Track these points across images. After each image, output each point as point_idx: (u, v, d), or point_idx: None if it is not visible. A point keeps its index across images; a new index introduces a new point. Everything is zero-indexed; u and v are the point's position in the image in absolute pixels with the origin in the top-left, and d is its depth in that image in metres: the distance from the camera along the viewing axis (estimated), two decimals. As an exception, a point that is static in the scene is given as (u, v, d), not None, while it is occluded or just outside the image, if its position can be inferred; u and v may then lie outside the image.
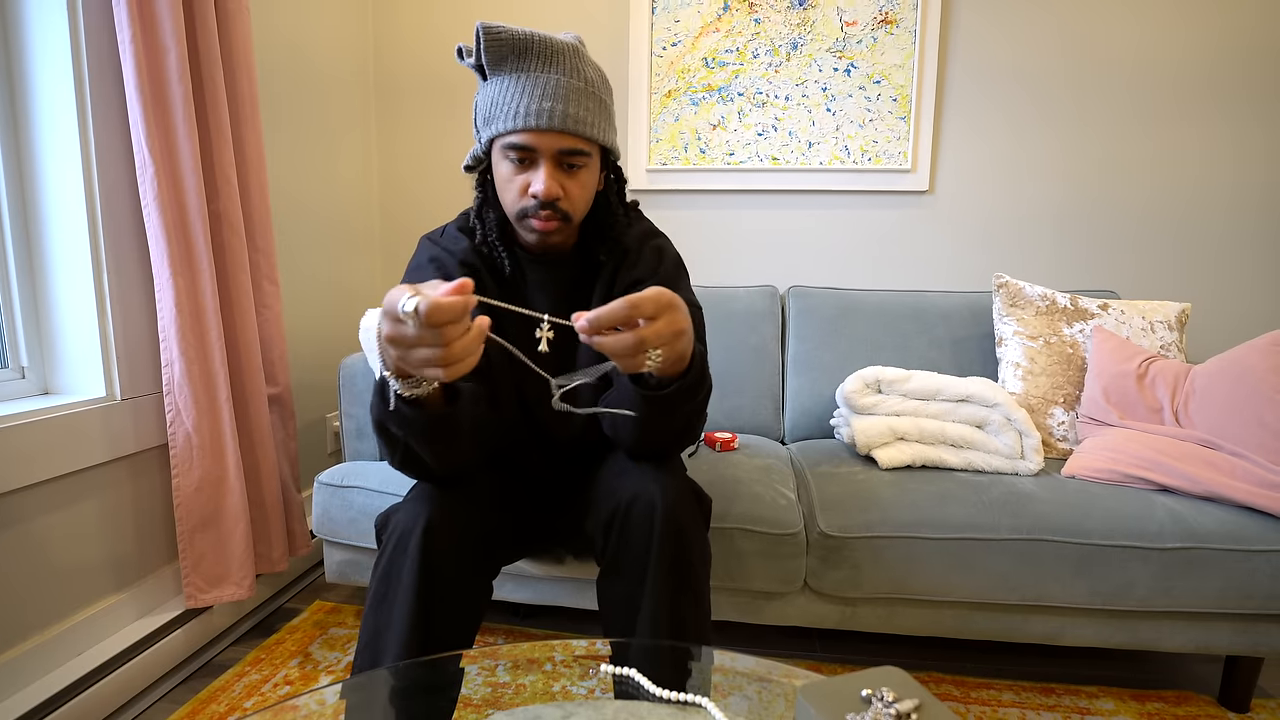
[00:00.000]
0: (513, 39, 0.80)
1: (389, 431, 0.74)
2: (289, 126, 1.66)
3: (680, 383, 0.74)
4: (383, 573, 0.79)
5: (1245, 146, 1.77)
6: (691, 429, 0.85)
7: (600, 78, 0.86)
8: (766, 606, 1.24)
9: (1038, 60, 1.82)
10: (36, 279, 1.17)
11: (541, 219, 0.85)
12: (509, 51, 0.81)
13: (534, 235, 0.87)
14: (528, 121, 0.80)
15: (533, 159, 0.83)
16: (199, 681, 1.26)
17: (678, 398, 0.75)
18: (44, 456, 1.05)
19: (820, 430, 1.63)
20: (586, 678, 0.74)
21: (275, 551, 1.41)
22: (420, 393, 0.68)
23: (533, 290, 0.96)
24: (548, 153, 0.82)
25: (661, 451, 0.88)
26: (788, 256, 1.98)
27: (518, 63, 0.81)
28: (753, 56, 1.87)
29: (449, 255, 0.94)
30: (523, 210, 0.85)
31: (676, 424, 0.81)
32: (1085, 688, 1.28)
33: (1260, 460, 1.17)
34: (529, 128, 0.80)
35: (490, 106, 0.83)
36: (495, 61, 0.81)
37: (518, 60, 0.81)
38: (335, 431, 1.87)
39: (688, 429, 0.84)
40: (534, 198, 0.83)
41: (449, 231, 0.98)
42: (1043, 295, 1.55)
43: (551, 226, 0.85)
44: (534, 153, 0.82)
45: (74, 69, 1.09)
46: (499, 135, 0.83)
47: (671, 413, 0.78)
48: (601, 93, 0.85)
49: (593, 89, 0.84)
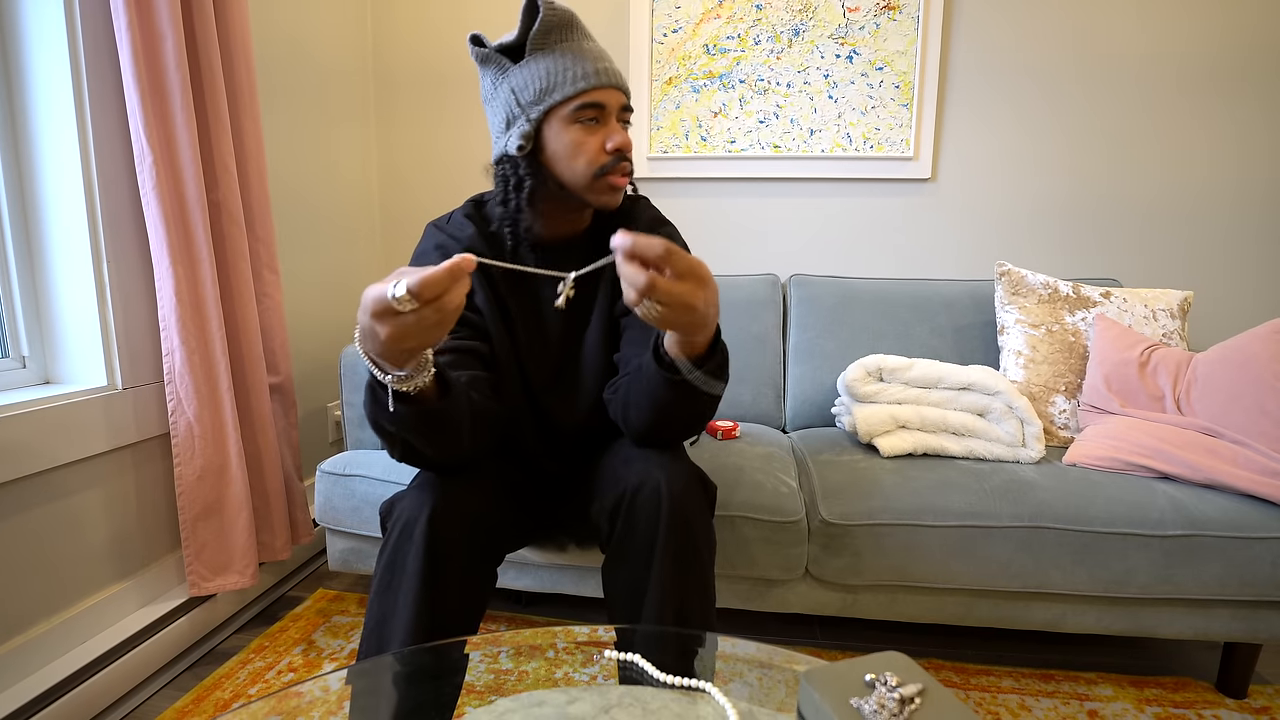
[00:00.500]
0: (562, 11, 0.84)
1: (383, 428, 0.74)
2: (288, 115, 1.65)
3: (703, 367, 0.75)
4: (388, 560, 0.80)
5: (1248, 136, 1.76)
6: (702, 419, 0.85)
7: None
8: (768, 594, 1.24)
9: (1041, 47, 1.80)
10: (36, 269, 1.16)
11: (621, 173, 0.88)
12: (557, 23, 0.84)
13: (610, 194, 0.89)
14: (599, 79, 0.84)
15: (603, 117, 0.86)
16: (203, 669, 1.27)
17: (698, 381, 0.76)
18: (45, 446, 1.05)
19: (822, 418, 1.63)
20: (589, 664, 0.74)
21: (278, 540, 1.42)
22: (412, 387, 0.67)
23: (543, 284, 0.96)
24: (613, 108, 0.86)
25: (669, 438, 0.88)
26: (789, 244, 1.98)
27: (563, 34, 0.85)
28: (754, 43, 1.86)
29: (455, 242, 0.94)
30: (602, 169, 0.87)
31: (689, 411, 0.81)
32: (1084, 674, 1.29)
33: (1262, 448, 1.17)
34: (601, 84, 0.84)
35: (546, 78, 0.84)
36: (545, 33, 0.84)
37: (564, 32, 0.85)
38: (337, 420, 1.87)
39: (699, 419, 0.84)
40: (616, 151, 0.86)
41: (455, 218, 0.97)
42: (1045, 283, 1.54)
43: (626, 181, 0.89)
44: (604, 110, 0.85)
45: (71, 57, 1.08)
46: (566, 100, 0.84)
47: (692, 397, 0.78)
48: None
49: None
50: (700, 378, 0.75)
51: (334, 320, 1.87)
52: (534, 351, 0.97)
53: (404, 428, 0.72)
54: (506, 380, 0.95)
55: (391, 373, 0.65)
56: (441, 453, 0.79)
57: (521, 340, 0.96)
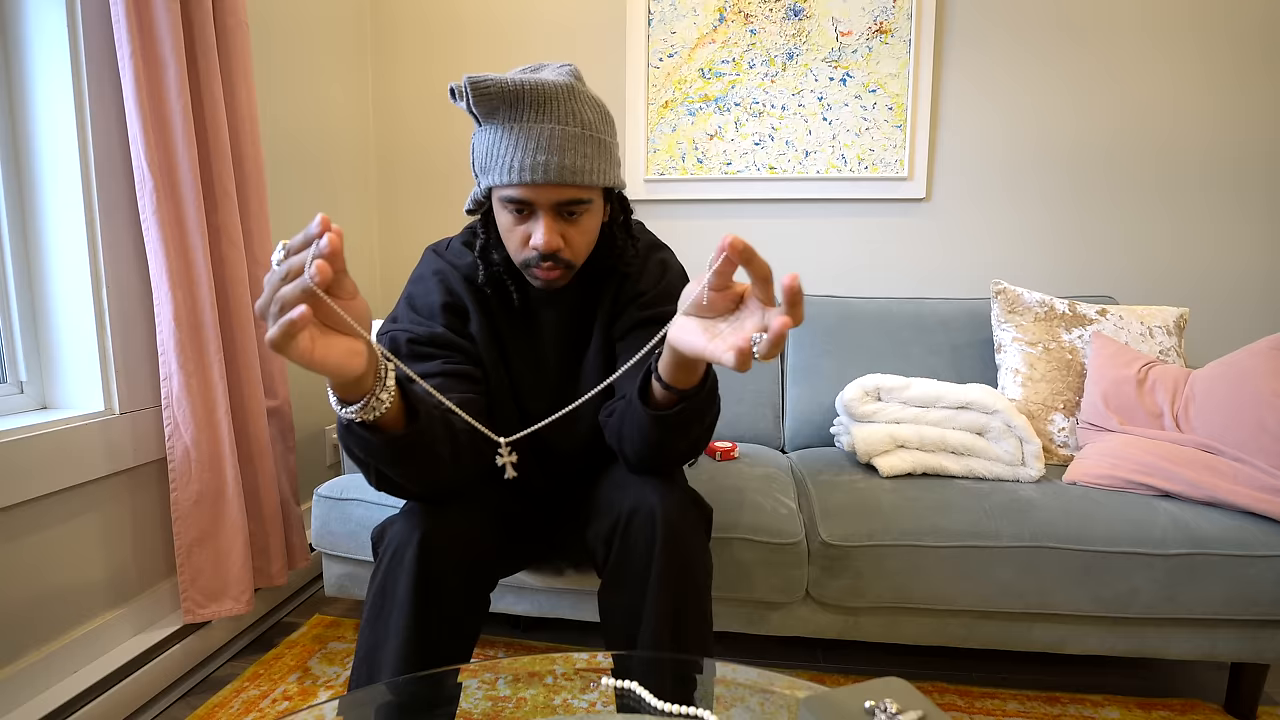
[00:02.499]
0: (502, 90, 0.76)
1: (355, 455, 0.70)
2: (289, 141, 1.67)
3: (689, 403, 0.73)
4: (379, 587, 0.79)
5: (1243, 152, 1.78)
6: (696, 448, 0.84)
7: (599, 115, 0.82)
8: (768, 617, 1.23)
9: (1031, 68, 1.83)
10: (36, 293, 1.17)
11: (544, 269, 0.83)
12: (499, 103, 0.77)
13: (539, 282, 0.86)
14: (522, 176, 0.77)
15: (532, 210, 0.81)
16: (197, 697, 1.25)
17: (688, 416, 0.74)
18: (42, 471, 1.04)
19: (820, 439, 1.63)
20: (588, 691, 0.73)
21: (274, 565, 1.40)
22: (371, 416, 0.63)
23: (541, 309, 0.95)
24: (546, 205, 0.80)
25: (664, 469, 0.87)
26: (786, 265, 1.99)
27: (510, 113, 0.78)
28: (749, 67, 1.89)
29: (454, 270, 0.94)
30: (525, 261, 0.84)
31: (683, 444, 0.80)
32: (1090, 696, 1.27)
33: (1261, 465, 1.17)
34: (524, 182, 0.78)
35: (486, 157, 0.80)
36: (486, 114, 0.79)
37: (510, 111, 0.78)
38: (334, 444, 1.87)
39: (692, 449, 0.83)
40: (535, 249, 0.81)
41: (454, 246, 0.97)
42: (1041, 301, 1.55)
43: (554, 275, 0.84)
44: (532, 205, 0.80)
45: (74, 84, 1.10)
46: (495, 187, 0.81)
47: (683, 431, 0.76)
48: (601, 132, 0.82)
49: (590, 131, 0.80)
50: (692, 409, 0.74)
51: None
52: (530, 379, 0.96)
53: (373, 455, 0.69)
54: (502, 408, 0.95)
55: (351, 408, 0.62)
56: (413, 481, 0.76)
57: (517, 368, 0.95)
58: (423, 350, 0.88)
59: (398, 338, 0.88)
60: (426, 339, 0.88)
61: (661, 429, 0.75)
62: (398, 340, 0.88)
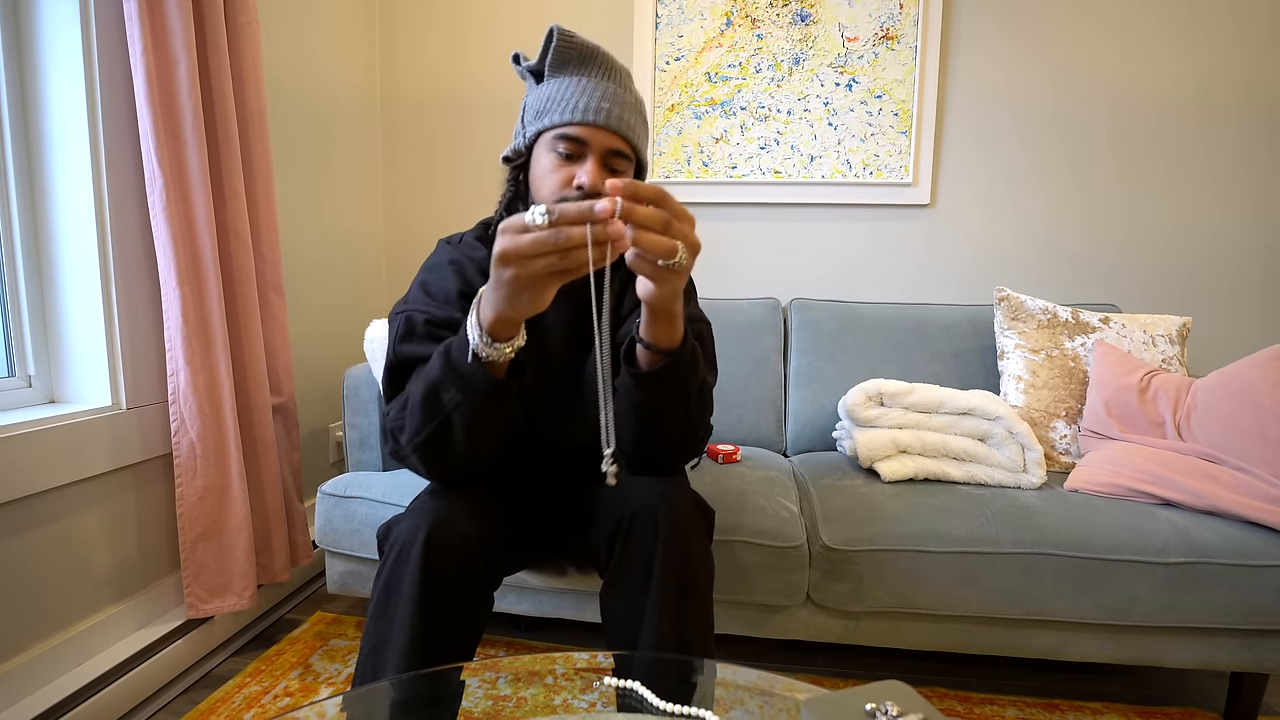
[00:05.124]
0: (581, 46, 0.86)
1: (438, 399, 0.76)
2: (297, 139, 1.68)
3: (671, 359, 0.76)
4: (384, 584, 0.79)
5: (1244, 163, 1.78)
6: (692, 432, 0.85)
7: (643, 103, 0.92)
8: (769, 620, 1.23)
9: (1037, 76, 1.83)
10: (45, 288, 1.17)
11: None
12: (574, 56, 0.86)
13: None
14: (585, 116, 0.84)
15: (581, 154, 0.86)
16: (199, 693, 1.25)
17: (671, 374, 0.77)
18: (49, 465, 1.05)
19: (823, 443, 1.63)
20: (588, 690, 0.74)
21: (277, 562, 1.41)
22: (510, 350, 0.71)
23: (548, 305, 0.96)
24: (598, 149, 0.85)
25: (662, 458, 0.87)
26: (790, 269, 1.99)
27: (579, 67, 0.87)
28: (755, 71, 1.89)
29: (469, 261, 0.95)
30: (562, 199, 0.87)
31: (676, 414, 0.81)
32: (1089, 704, 1.27)
33: (1263, 474, 1.17)
34: (586, 121, 0.84)
35: (546, 101, 0.87)
36: (560, 63, 0.86)
37: (580, 65, 0.87)
38: (338, 441, 1.88)
39: (687, 427, 0.84)
40: (578, 189, 0.84)
41: (466, 239, 0.99)
42: (1044, 309, 1.55)
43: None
44: (584, 147, 0.85)
45: (85, 80, 1.11)
46: (552, 127, 0.86)
47: (667, 394, 0.79)
48: (645, 112, 0.92)
49: (640, 106, 0.91)
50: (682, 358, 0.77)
51: (337, 340, 1.88)
52: (536, 379, 0.97)
53: (465, 393, 0.74)
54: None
55: (490, 342, 0.70)
56: (470, 443, 0.79)
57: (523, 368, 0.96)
58: (440, 333, 0.88)
59: (414, 318, 0.88)
60: (444, 322, 0.88)
61: (644, 389, 0.78)
62: (415, 320, 0.88)
